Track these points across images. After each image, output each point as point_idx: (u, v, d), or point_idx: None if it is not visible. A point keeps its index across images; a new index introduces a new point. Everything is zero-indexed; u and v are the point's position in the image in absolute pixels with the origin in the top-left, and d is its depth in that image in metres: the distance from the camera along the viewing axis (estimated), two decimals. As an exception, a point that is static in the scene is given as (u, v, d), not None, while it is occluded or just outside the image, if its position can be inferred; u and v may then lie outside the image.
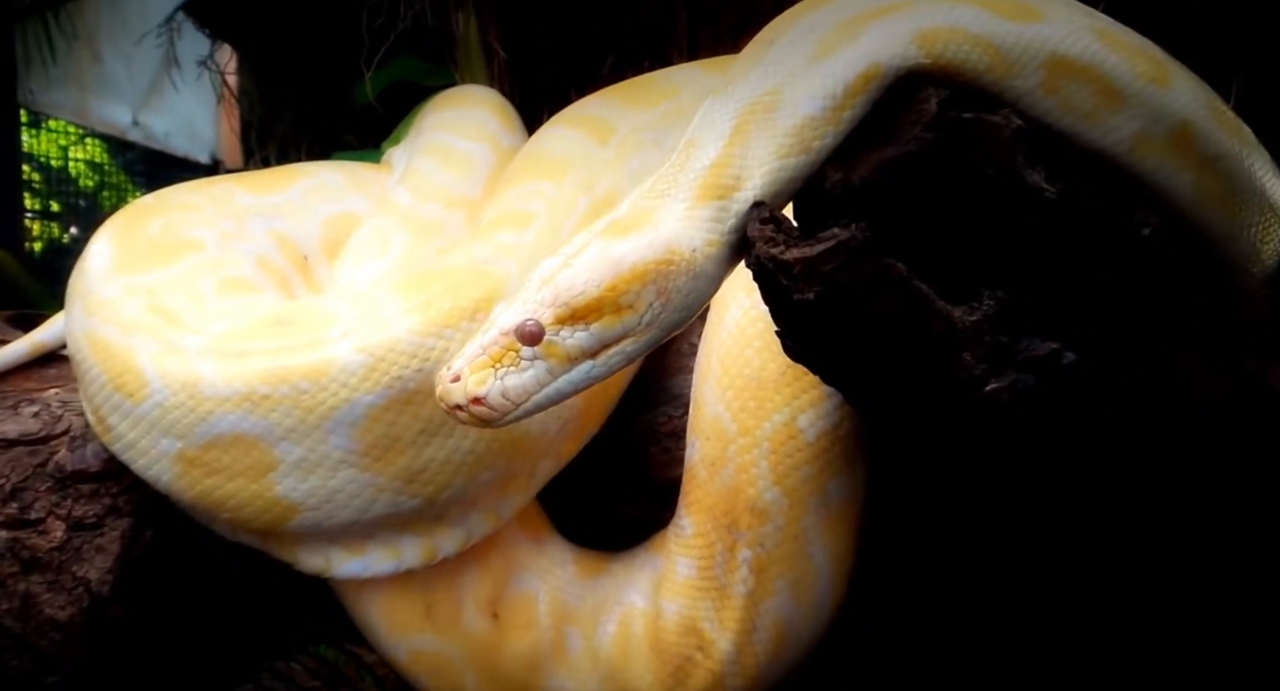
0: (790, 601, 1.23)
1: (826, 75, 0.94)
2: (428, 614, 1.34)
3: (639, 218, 0.98)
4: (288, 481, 1.18)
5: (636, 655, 1.29)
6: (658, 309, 0.96)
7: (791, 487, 1.21)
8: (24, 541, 1.35)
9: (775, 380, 1.20)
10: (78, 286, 1.34)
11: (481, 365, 0.96)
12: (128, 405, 1.21)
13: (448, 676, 1.33)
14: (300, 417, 1.16)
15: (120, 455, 1.27)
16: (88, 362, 1.26)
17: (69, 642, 1.36)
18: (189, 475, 1.20)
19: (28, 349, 1.55)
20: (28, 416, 1.43)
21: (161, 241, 1.35)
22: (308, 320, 1.23)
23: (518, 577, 1.36)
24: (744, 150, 0.97)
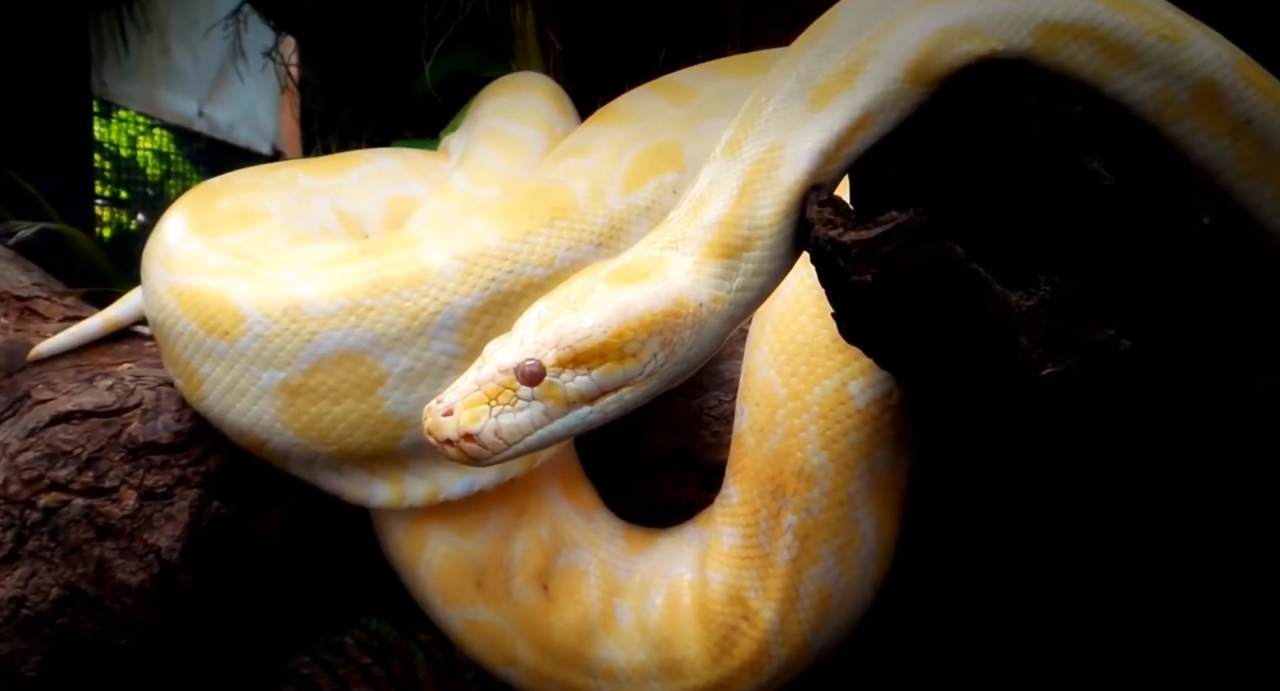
0: (835, 568, 1.23)
1: (822, 128, 0.95)
2: (479, 586, 1.37)
3: (646, 267, 0.99)
4: (395, 395, 1.21)
5: (684, 625, 1.30)
6: (660, 360, 0.97)
7: (839, 453, 1.21)
8: (99, 508, 1.41)
9: (827, 346, 1.20)
10: (155, 251, 1.39)
11: (476, 401, 0.96)
12: (223, 346, 1.24)
13: (500, 645, 1.36)
14: (405, 325, 1.19)
15: (213, 408, 1.30)
16: (174, 317, 1.30)
17: (140, 607, 1.41)
18: (294, 406, 1.23)
19: (101, 325, 1.61)
20: (102, 389, 1.48)
21: (232, 213, 1.40)
22: (395, 243, 1.29)
23: (568, 551, 1.39)
24: (752, 211, 0.97)
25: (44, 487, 1.40)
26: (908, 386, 1.13)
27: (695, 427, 1.53)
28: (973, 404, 1.02)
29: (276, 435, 1.27)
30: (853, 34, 0.95)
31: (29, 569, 1.39)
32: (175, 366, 1.34)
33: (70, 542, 1.39)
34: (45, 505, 1.40)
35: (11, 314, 1.63)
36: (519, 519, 1.39)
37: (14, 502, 1.40)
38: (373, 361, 1.21)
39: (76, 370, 1.57)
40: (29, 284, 1.68)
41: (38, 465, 1.41)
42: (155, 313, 1.35)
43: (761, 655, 1.26)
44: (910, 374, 1.06)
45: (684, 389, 1.49)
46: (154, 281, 1.36)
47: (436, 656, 3.52)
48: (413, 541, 1.39)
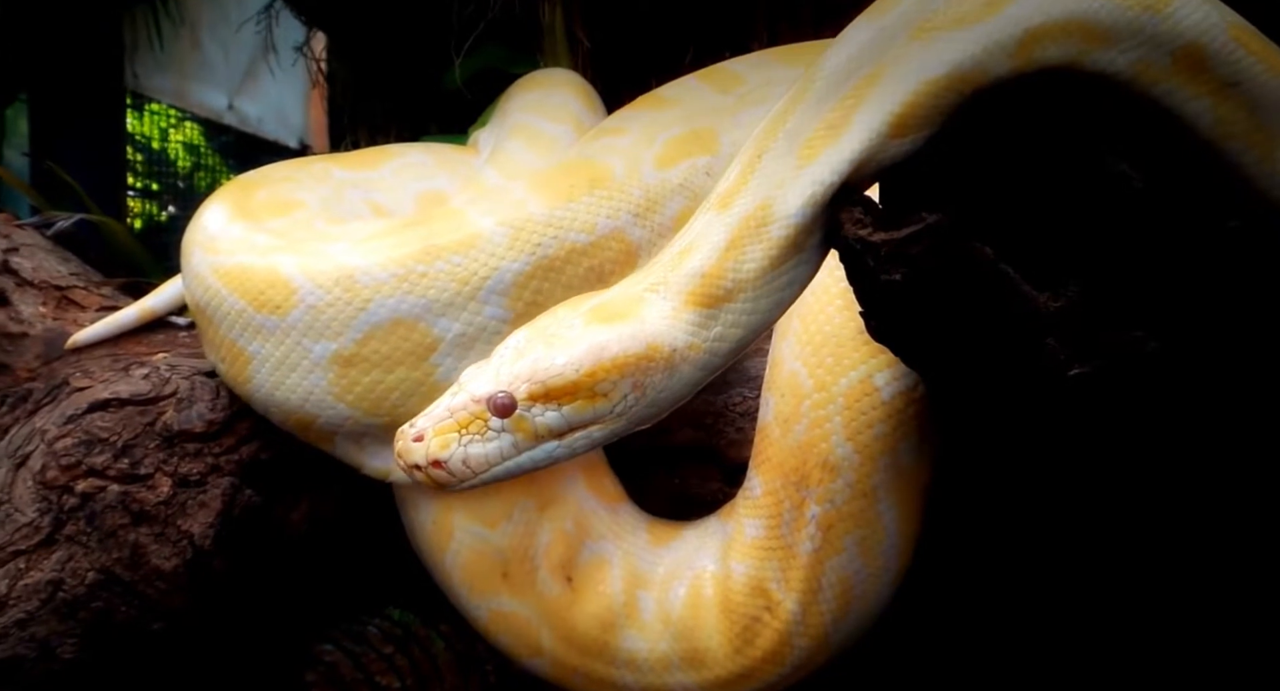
0: (857, 559, 1.24)
1: (811, 182, 0.96)
2: (505, 577, 1.39)
3: (626, 307, 1.00)
4: (447, 361, 1.24)
5: (706, 616, 1.31)
6: (631, 401, 0.98)
7: (864, 444, 1.21)
8: (134, 495, 1.44)
9: (854, 338, 1.21)
10: (197, 237, 1.41)
11: (447, 429, 0.98)
12: (273, 321, 1.26)
13: (525, 635, 1.38)
14: (456, 290, 1.22)
15: (260, 388, 1.31)
16: (219, 298, 1.32)
17: (173, 592, 1.44)
18: (347, 377, 1.25)
19: (137, 314, 1.64)
20: (138, 378, 1.51)
21: (270, 202, 1.43)
22: (440, 215, 1.31)
23: (592, 543, 1.40)
24: (738, 264, 0.99)
25: (81, 473, 1.43)
26: (933, 384, 1.14)
27: (719, 423, 1.54)
28: (998, 403, 1.03)
29: (328, 409, 1.28)
30: (839, 83, 0.96)
31: (66, 553, 1.42)
32: (219, 349, 1.36)
33: (106, 528, 1.42)
34: (82, 491, 1.43)
35: (50, 303, 1.66)
36: (544, 511, 1.41)
37: (52, 488, 1.43)
38: (425, 328, 1.23)
39: (113, 359, 1.60)
40: (67, 274, 1.72)
41: (75, 451, 1.44)
42: (199, 296, 1.37)
43: (784, 646, 1.27)
44: (936, 372, 1.07)
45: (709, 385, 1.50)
46: (196, 265, 1.38)
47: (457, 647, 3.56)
48: (439, 533, 1.41)
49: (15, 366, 1.62)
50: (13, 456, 1.46)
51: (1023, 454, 1.19)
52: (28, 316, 1.64)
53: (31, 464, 1.44)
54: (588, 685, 1.36)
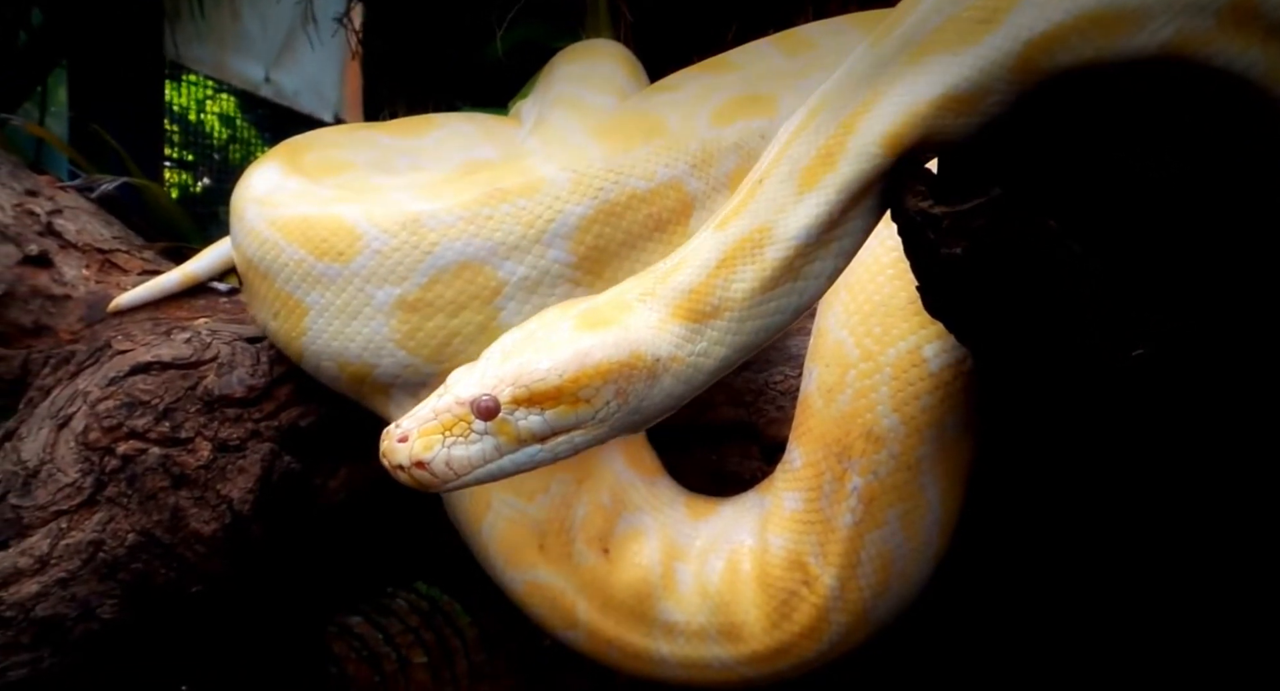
0: (898, 533, 1.22)
1: (813, 205, 0.97)
2: (541, 549, 1.38)
3: (614, 314, 1.01)
4: (511, 306, 1.25)
5: (743, 590, 1.30)
6: (613, 408, 0.99)
7: (910, 416, 1.19)
8: (174, 458, 1.44)
9: (903, 308, 1.19)
10: (250, 194, 1.40)
11: (431, 430, 0.98)
12: (335, 269, 1.27)
13: (561, 606, 1.37)
14: (522, 233, 1.24)
15: (316, 340, 1.31)
16: (276, 249, 1.31)
17: (212, 556, 1.45)
18: (409, 322, 1.26)
19: (179, 279, 1.64)
20: (180, 342, 1.52)
21: (321, 163, 1.43)
22: (504, 162, 1.34)
23: (629, 515, 1.39)
24: (727, 283, 1.00)
25: (122, 435, 1.44)
26: (984, 360, 1.12)
27: (760, 402, 1.52)
28: (1051, 381, 1.00)
29: (387, 357, 1.28)
30: (837, 110, 0.97)
31: (107, 514, 1.42)
32: (272, 305, 1.36)
33: (147, 490, 1.43)
34: (124, 453, 1.43)
35: (93, 266, 1.67)
36: (581, 484, 1.40)
37: (94, 449, 1.43)
38: (491, 271, 1.24)
39: (154, 323, 1.60)
40: (109, 237, 1.72)
41: (117, 413, 1.44)
42: (253, 250, 1.36)
43: (821, 621, 1.25)
44: (990, 348, 1.04)
45: (750, 363, 1.48)
46: (251, 220, 1.37)
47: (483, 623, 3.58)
48: (476, 505, 1.41)
49: (58, 328, 1.63)
50: (55, 417, 1.47)
51: (1071, 434, 1.17)
52: (70, 279, 1.65)
53: (74, 425, 1.45)
54: (623, 657, 1.36)
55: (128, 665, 1.49)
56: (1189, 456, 1.08)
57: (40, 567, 1.40)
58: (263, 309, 1.39)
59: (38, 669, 1.38)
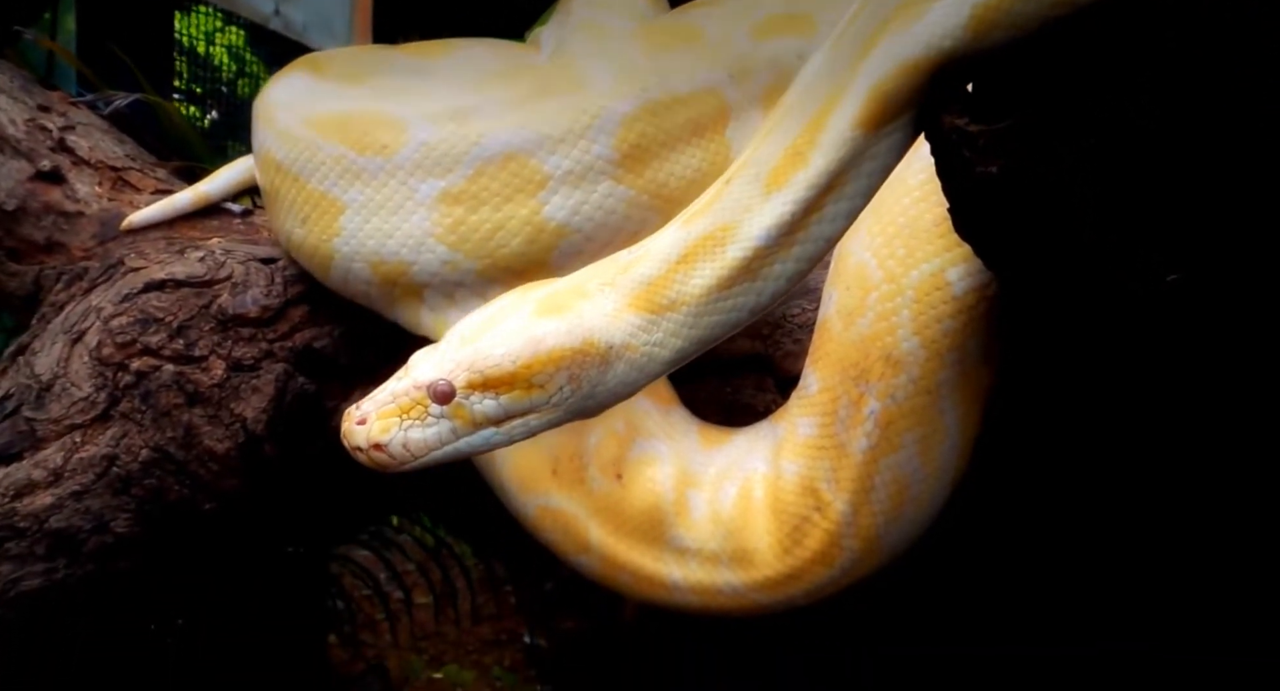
0: (915, 458, 1.21)
1: (781, 203, 0.98)
2: (554, 474, 1.38)
3: (571, 300, 1.03)
4: (555, 199, 1.26)
5: (756, 517, 1.30)
6: (567, 393, 1.00)
7: (931, 339, 1.17)
8: (188, 376, 1.44)
9: (929, 230, 1.17)
10: (279, 98, 1.39)
11: (389, 413, 0.99)
12: (377, 162, 1.26)
13: (572, 531, 1.38)
14: (567, 126, 1.25)
15: (351, 239, 1.30)
16: (311, 148, 1.30)
17: (225, 474, 1.45)
18: (452, 215, 1.26)
19: (192, 198, 1.63)
20: (194, 260, 1.51)
21: (346, 73, 1.40)
22: (549, 62, 1.36)
23: (642, 441, 1.39)
24: (685, 278, 1.01)
25: (136, 351, 1.43)
26: (1014, 287, 1.10)
27: (777, 335, 1.52)
28: (1083, 309, 0.99)
29: (427, 252, 1.28)
30: (801, 113, 0.98)
31: (120, 429, 1.42)
32: (302, 208, 1.34)
33: (160, 407, 1.42)
34: (137, 369, 1.43)
35: (105, 183, 1.65)
36: (595, 410, 1.40)
37: (107, 364, 1.43)
38: (536, 163, 1.25)
39: (167, 242, 1.59)
40: (122, 155, 1.70)
41: (130, 330, 1.44)
42: (285, 152, 1.34)
43: (833, 546, 1.25)
44: (1022, 274, 1.03)
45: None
46: (282, 122, 1.36)
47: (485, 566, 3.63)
48: (489, 430, 1.40)
49: (70, 245, 1.61)
50: (69, 332, 1.46)
51: (1094, 364, 1.16)
52: (83, 196, 1.63)
53: (87, 340, 1.44)
54: (634, 582, 1.36)
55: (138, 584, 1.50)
56: (1214, 388, 1.07)
57: (54, 480, 1.40)
58: (290, 216, 1.37)
59: (52, 579, 1.39)
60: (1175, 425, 1.19)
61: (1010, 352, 1.23)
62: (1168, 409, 1.17)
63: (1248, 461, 1.21)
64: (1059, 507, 1.43)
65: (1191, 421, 1.17)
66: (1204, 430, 1.18)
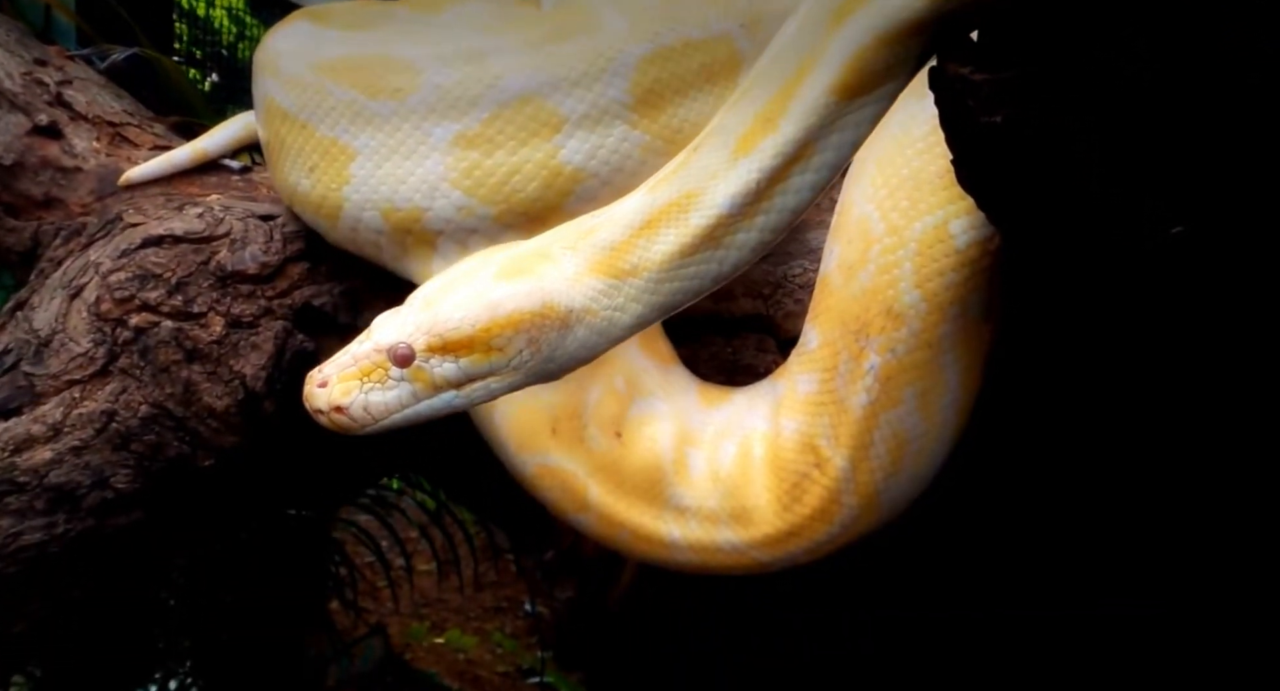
0: (914, 413, 1.20)
1: (746, 171, 0.98)
2: (553, 432, 1.38)
3: (533, 263, 1.03)
4: (570, 143, 1.25)
5: (755, 474, 1.30)
6: (526, 356, 1.01)
7: (933, 292, 1.16)
8: (187, 332, 1.43)
9: (933, 182, 1.16)
10: (283, 47, 1.37)
11: (350, 376, 1.00)
12: (390, 106, 1.25)
13: (571, 489, 1.37)
14: (583, 69, 1.24)
15: (361, 187, 1.28)
16: (320, 93, 1.29)
17: (224, 431, 1.45)
18: (468, 159, 1.25)
19: (190, 155, 1.62)
20: (192, 216, 1.50)
21: (350, 23, 1.39)
22: (563, 6, 1.34)
23: (642, 400, 1.38)
24: (648, 244, 1.02)
25: (135, 307, 1.43)
26: (1017, 239, 1.09)
27: (778, 294, 1.51)
28: (1086, 261, 0.98)
29: (441, 198, 1.27)
30: (771, 81, 0.99)
31: (119, 385, 1.42)
32: (310, 157, 1.33)
33: (159, 363, 1.42)
34: (136, 325, 1.42)
35: (103, 138, 1.64)
36: (594, 368, 1.38)
37: (106, 320, 1.42)
38: (553, 106, 1.24)
39: (166, 198, 1.58)
40: (120, 110, 1.69)
41: (129, 285, 1.43)
42: (291, 100, 1.33)
43: (832, 503, 1.24)
44: (1025, 226, 1.02)
45: (769, 256, 1.46)
46: (287, 69, 1.34)
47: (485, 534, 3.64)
48: (488, 389, 1.40)
49: (68, 201, 1.60)
50: (67, 287, 1.46)
51: (1095, 318, 1.15)
52: (81, 151, 1.62)
53: (86, 295, 1.44)
54: (634, 540, 1.36)
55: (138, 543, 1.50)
56: (1215, 343, 1.06)
57: (53, 435, 1.40)
58: (296, 167, 1.35)
59: (51, 533, 1.39)
60: (1176, 382, 1.19)
61: (1011, 308, 1.22)
62: (1168, 365, 1.16)
63: (1248, 420, 1.21)
64: (1059, 466, 1.43)
65: (1192, 377, 1.16)
66: (1205, 386, 1.17)
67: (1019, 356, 1.28)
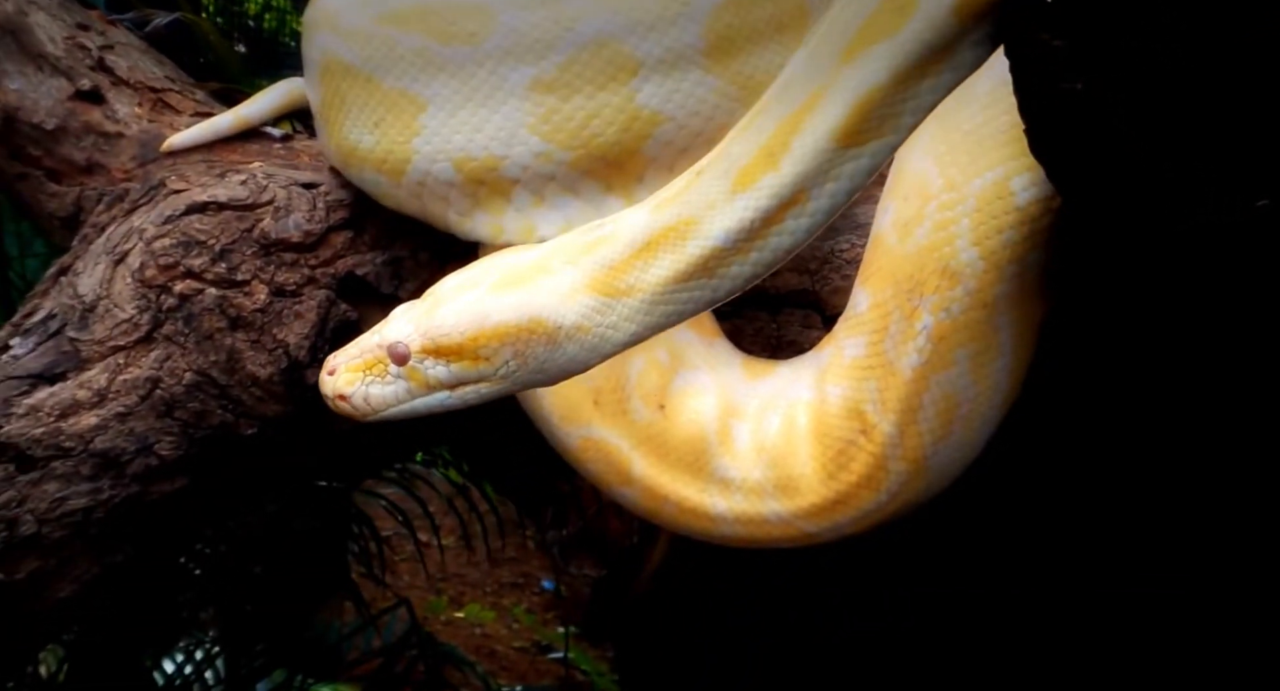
0: (966, 375, 1.17)
1: (742, 208, 0.99)
2: (596, 404, 1.37)
3: (533, 274, 1.06)
4: (647, 87, 1.24)
5: (800, 443, 1.28)
6: (513, 367, 1.04)
7: (991, 250, 1.14)
8: (231, 300, 1.43)
9: (995, 137, 1.13)
10: (336, 4, 1.35)
11: (355, 368, 1.06)
12: (464, 52, 1.24)
13: (615, 462, 1.36)
14: (659, 13, 1.23)
15: (434, 137, 1.27)
16: (387, 44, 1.27)
17: (267, 399, 1.44)
18: (546, 105, 1.24)
19: (233, 121, 1.61)
20: (235, 183, 1.49)
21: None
22: None
23: (685, 372, 1.37)
24: (645, 266, 1.03)
25: (179, 274, 1.42)
26: (1088, 213, 1.06)
27: (824, 269, 1.49)
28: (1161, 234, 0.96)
29: (519, 144, 1.26)
30: (779, 111, 1.00)
31: (164, 352, 1.42)
32: (375, 111, 1.31)
33: (203, 330, 1.42)
34: (180, 292, 1.42)
35: (145, 104, 1.63)
36: (637, 341, 1.38)
37: (150, 286, 1.42)
38: (629, 50, 1.23)
39: (208, 165, 1.57)
40: (162, 76, 1.68)
41: (173, 252, 1.42)
42: (354, 53, 1.31)
43: (878, 470, 1.22)
44: (1098, 198, 0.99)
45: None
46: (349, 22, 1.32)
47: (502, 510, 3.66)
48: (530, 361, 1.39)
49: (110, 167, 1.60)
50: (111, 253, 1.45)
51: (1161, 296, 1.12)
52: (123, 116, 1.61)
53: (130, 261, 1.43)
54: (678, 513, 1.35)
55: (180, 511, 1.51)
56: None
57: (99, 401, 1.40)
58: (357, 123, 1.33)
59: (97, 499, 1.39)
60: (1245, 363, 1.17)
61: (1069, 278, 1.20)
62: (1236, 344, 1.14)
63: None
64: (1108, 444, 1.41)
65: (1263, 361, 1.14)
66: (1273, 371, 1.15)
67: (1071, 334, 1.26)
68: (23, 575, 1.39)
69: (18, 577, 1.39)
